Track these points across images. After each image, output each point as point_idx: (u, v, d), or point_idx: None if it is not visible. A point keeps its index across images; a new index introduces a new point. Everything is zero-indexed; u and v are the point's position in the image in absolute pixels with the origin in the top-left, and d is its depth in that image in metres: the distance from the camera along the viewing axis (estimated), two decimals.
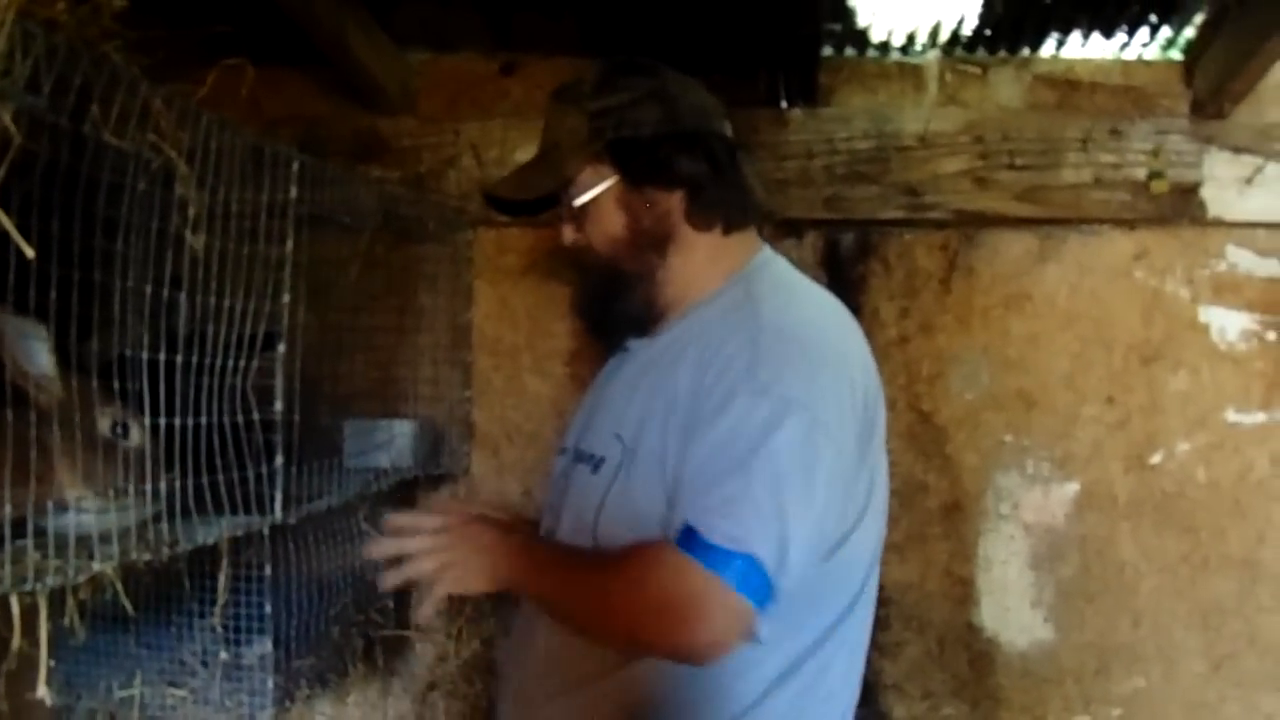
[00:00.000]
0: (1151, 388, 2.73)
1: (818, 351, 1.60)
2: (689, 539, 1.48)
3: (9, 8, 1.13)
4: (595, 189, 1.76)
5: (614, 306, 1.81)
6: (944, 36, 2.72)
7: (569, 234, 1.84)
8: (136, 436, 1.56)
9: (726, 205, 1.77)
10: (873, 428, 1.67)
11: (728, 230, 1.78)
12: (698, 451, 1.54)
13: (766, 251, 1.83)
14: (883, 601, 1.91)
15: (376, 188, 2.33)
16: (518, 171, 1.96)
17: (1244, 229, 2.71)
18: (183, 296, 1.55)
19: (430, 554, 1.72)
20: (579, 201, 1.78)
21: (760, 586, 1.46)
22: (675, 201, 1.75)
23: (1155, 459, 2.73)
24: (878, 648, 2.67)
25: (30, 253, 1.16)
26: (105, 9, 1.42)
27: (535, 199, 1.86)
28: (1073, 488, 2.75)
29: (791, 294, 1.76)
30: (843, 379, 1.59)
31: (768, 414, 1.50)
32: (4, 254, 1.16)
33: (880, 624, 2.00)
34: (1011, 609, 2.75)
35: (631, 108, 1.74)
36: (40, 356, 1.46)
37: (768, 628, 1.52)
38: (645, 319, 1.80)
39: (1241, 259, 2.72)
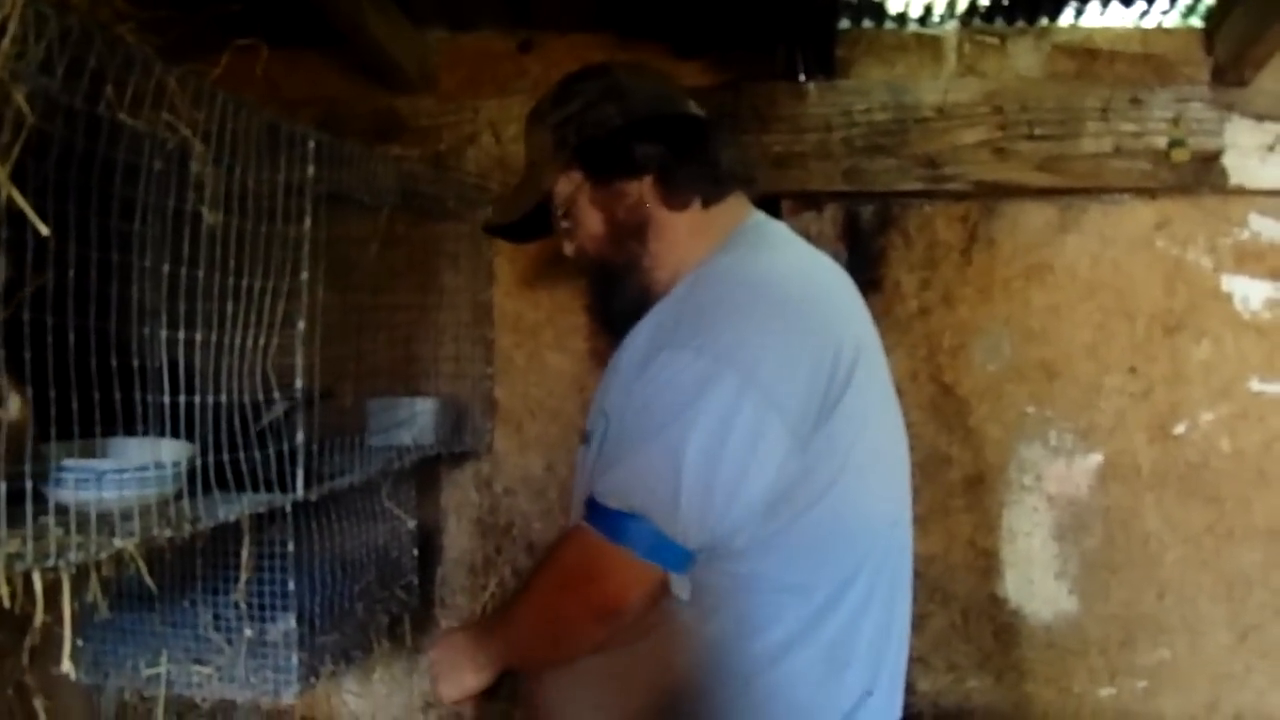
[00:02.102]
0: (1174, 358, 2.72)
1: (769, 304, 1.58)
2: (591, 508, 1.52)
3: None
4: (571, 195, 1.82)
5: (612, 301, 1.84)
6: (961, 7, 2.71)
7: (567, 246, 1.89)
8: (15, 409, 1.40)
9: (698, 180, 1.78)
10: (846, 384, 1.58)
11: (706, 204, 1.79)
12: (621, 414, 1.58)
13: (757, 216, 1.82)
14: None
15: (395, 166, 2.33)
16: (506, 197, 2.05)
17: (1266, 197, 2.69)
18: (200, 274, 1.56)
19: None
20: (560, 210, 1.84)
21: (660, 546, 1.47)
22: (645, 188, 1.77)
23: (1179, 429, 2.72)
24: None
25: (45, 230, 1.17)
26: None
27: (527, 220, 1.92)
28: (1096, 459, 2.74)
29: (767, 249, 1.76)
30: (799, 331, 1.56)
31: (690, 371, 1.50)
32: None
33: None
34: (1036, 581, 2.75)
35: (589, 110, 1.80)
36: None
37: (687, 589, 1.52)
38: (642, 306, 1.79)
39: (1264, 227, 2.70)
